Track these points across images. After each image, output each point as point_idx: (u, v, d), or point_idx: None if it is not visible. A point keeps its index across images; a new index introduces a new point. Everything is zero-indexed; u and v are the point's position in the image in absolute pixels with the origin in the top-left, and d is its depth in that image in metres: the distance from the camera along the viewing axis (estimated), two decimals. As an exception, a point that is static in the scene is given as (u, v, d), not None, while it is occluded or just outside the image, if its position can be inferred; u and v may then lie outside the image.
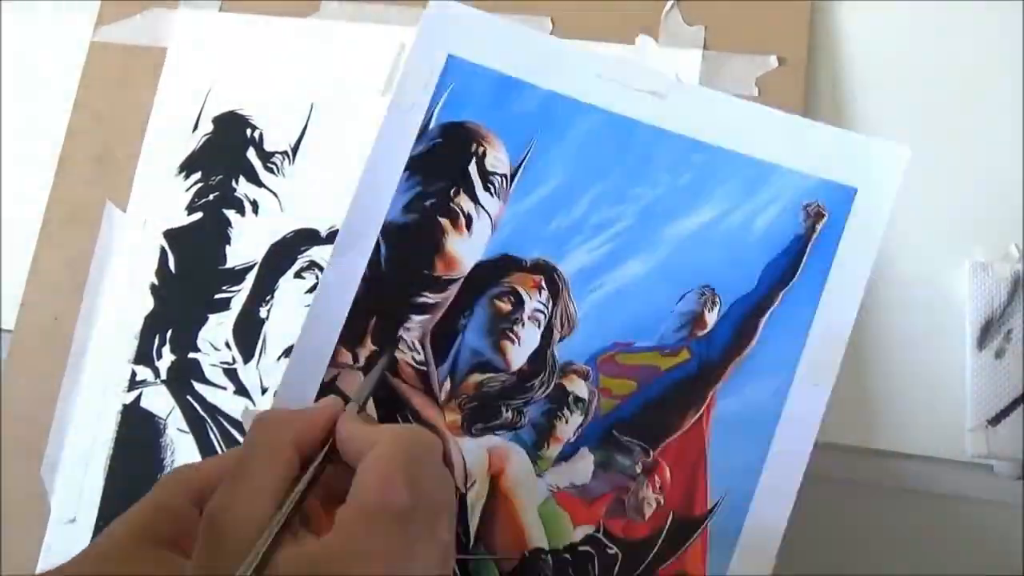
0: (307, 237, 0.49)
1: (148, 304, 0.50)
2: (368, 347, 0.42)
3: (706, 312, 0.42)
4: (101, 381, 0.50)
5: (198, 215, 0.51)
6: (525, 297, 0.43)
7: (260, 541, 0.30)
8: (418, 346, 0.42)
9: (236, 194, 0.51)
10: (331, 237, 0.49)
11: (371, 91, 0.51)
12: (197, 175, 0.52)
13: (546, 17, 0.50)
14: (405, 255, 0.42)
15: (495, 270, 0.43)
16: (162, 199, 0.51)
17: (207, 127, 0.52)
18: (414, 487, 0.32)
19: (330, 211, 0.49)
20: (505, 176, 0.43)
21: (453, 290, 0.42)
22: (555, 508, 0.41)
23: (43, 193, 0.53)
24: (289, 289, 0.49)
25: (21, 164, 0.55)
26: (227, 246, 0.51)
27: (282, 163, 0.51)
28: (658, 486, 0.41)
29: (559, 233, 0.43)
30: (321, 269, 0.48)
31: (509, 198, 0.43)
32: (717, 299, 0.42)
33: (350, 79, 0.51)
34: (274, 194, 0.50)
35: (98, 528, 0.48)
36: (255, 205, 0.51)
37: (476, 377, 0.42)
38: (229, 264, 0.50)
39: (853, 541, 0.48)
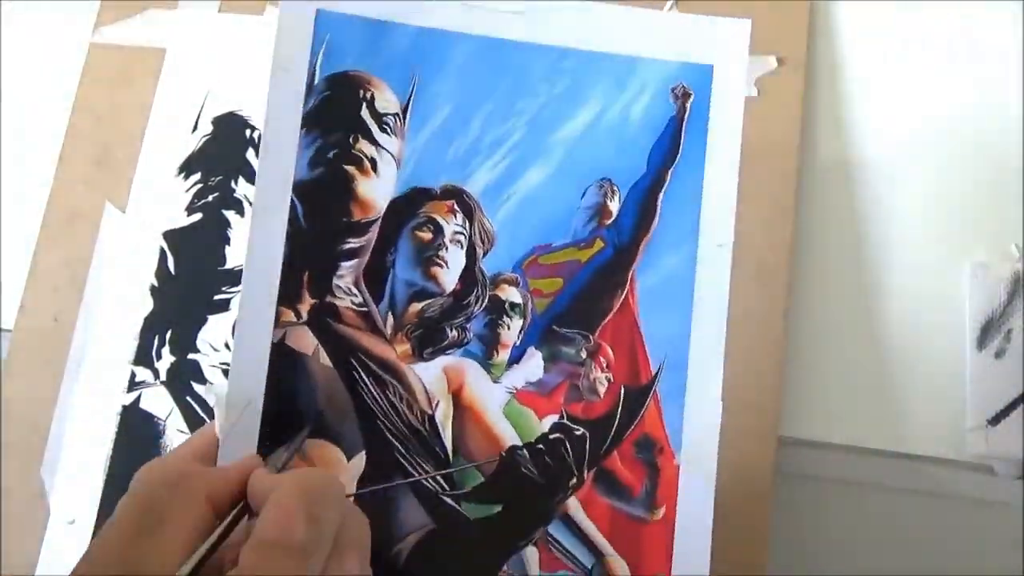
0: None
1: (148, 305, 0.50)
2: (307, 301, 0.43)
3: (608, 202, 0.46)
4: (101, 382, 0.50)
5: (197, 216, 0.51)
6: (442, 223, 0.45)
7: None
8: (354, 290, 0.44)
9: (236, 195, 0.51)
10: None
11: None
12: (196, 176, 0.51)
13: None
14: (321, 208, 0.44)
15: (409, 203, 0.45)
16: (162, 200, 0.51)
17: (206, 128, 0.52)
18: (313, 523, 0.32)
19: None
20: (397, 114, 0.45)
21: (374, 231, 0.44)
22: (518, 407, 0.44)
23: (43, 192, 0.51)
24: (289, 290, 0.49)
25: (21, 164, 0.54)
26: (227, 247, 0.51)
27: None
28: (604, 365, 0.45)
29: (459, 157, 0.45)
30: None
31: (406, 134, 0.45)
32: (615, 188, 0.46)
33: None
34: None
35: (97, 528, 0.47)
36: None
37: (415, 306, 0.44)
38: (229, 265, 0.50)
39: (853, 541, 0.48)
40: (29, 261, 0.51)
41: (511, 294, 0.45)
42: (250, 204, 0.51)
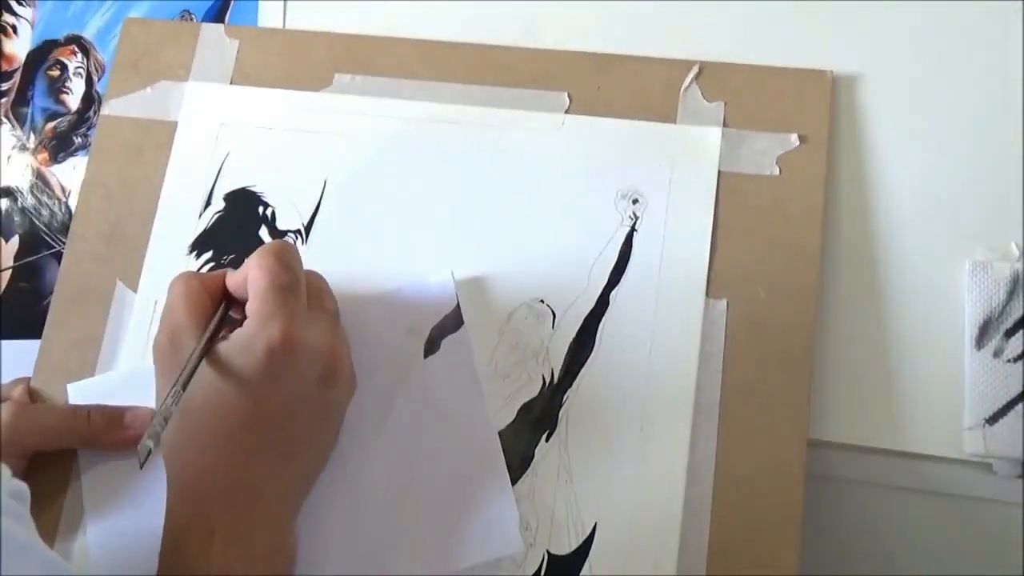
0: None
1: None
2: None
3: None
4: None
5: None
6: (67, 62, 0.59)
7: (197, 349, 0.41)
8: (4, 120, 0.59)
9: None
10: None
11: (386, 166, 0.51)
12: (208, 254, 0.51)
13: (563, 93, 0.51)
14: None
15: (41, 52, 0.60)
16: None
17: (219, 204, 0.52)
18: (289, 269, 0.42)
19: (343, 291, 0.48)
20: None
21: (16, 77, 0.59)
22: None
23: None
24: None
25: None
26: (240, 328, 0.51)
27: (295, 242, 0.51)
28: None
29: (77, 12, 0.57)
30: None
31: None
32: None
33: (364, 154, 0.51)
34: None
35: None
36: None
37: (50, 124, 0.58)
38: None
39: (852, 540, 0.48)
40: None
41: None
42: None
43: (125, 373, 0.48)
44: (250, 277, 0.42)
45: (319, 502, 0.44)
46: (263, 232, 0.51)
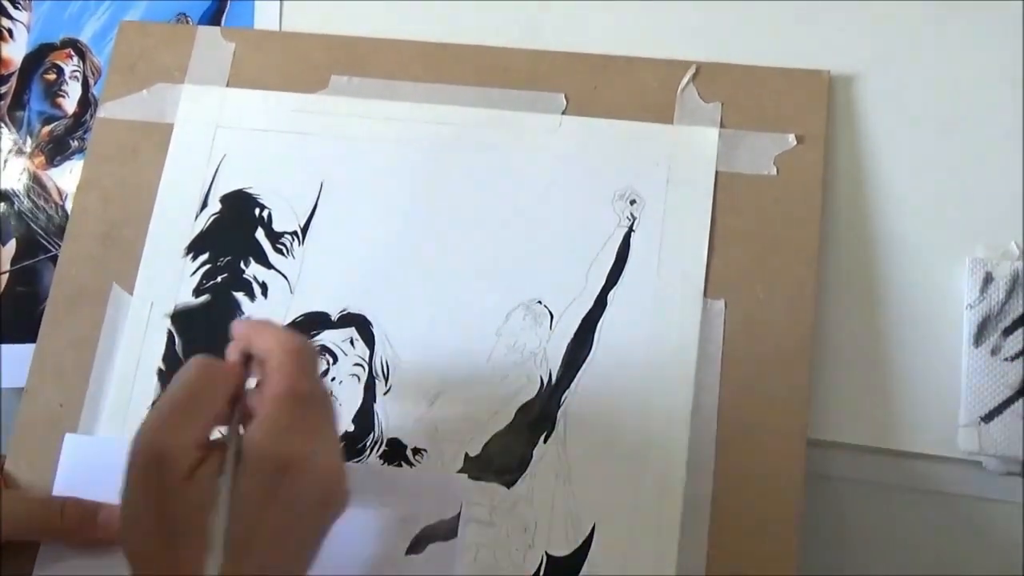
0: (317, 321, 0.49)
1: (155, 389, 0.49)
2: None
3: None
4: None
5: (206, 297, 0.50)
6: (63, 66, 0.58)
7: (229, 465, 0.36)
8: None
9: (245, 276, 0.51)
10: (342, 321, 0.49)
11: (383, 168, 0.52)
12: (205, 256, 0.51)
13: (560, 94, 0.51)
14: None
15: (37, 56, 0.59)
16: (169, 281, 0.51)
17: (215, 206, 0.52)
18: (312, 379, 0.39)
19: (340, 294, 0.49)
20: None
21: (13, 81, 0.60)
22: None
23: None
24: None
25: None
26: (236, 329, 0.51)
27: (292, 244, 0.51)
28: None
29: (73, 14, 0.58)
30: (332, 353, 0.49)
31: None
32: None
33: (360, 155, 0.51)
34: (284, 276, 0.50)
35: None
36: (264, 287, 0.50)
37: (46, 128, 0.59)
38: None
39: (850, 539, 0.48)
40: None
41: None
42: (260, 285, 0.50)
43: (126, 440, 0.46)
44: (269, 375, 0.38)
45: None
46: (260, 234, 0.51)
